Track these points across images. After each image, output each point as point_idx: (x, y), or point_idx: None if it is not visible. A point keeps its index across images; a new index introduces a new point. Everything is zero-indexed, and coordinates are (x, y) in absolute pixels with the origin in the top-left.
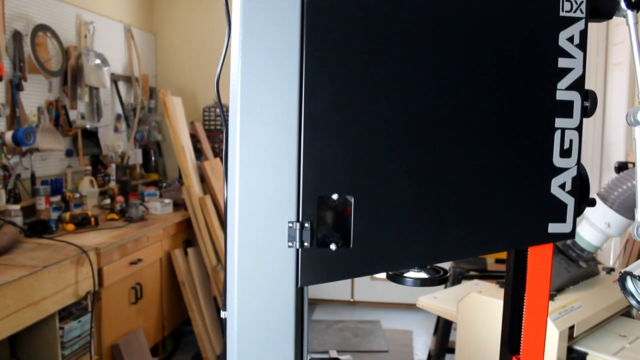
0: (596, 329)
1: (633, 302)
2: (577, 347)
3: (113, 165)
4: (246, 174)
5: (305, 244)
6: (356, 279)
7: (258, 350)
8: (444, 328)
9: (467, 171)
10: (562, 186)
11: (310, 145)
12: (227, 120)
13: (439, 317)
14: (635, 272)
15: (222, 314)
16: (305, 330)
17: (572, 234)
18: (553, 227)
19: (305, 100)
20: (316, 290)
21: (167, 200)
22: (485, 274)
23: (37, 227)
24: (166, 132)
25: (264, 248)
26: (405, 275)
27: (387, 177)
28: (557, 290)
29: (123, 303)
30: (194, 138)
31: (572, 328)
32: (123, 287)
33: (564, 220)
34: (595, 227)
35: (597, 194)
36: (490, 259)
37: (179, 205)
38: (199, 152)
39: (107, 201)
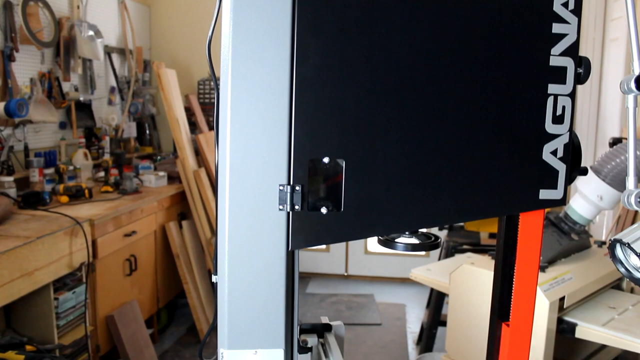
0: (586, 300)
1: (622, 270)
2: (567, 318)
3: (107, 138)
4: (237, 137)
5: (296, 207)
6: (350, 253)
7: (249, 313)
8: (436, 301)
9: (459, 136)
10: (554, 153)
11: (302, 108)
12: (219, 83)
13: (431, 291)
14: (625, 240)
15: (213, 278)
16: (295, 295)
17: (563, 200)
18: (544, 194)
19: (296, 63)
20: (310, 264)
21: (161, 173)
22: (478, 248)
23: (31, 199)
24: (160, 105)
25: (255, 211)
26: (396, 240)
27: (378, 141)
28: (549, 262)
29: (117, 275)
30: (189, 111)
31: (562, 299)
32: (117, 258)
33: (555, 187)
34: (587, 200)
35: (591, 167)
36: (483, 234)
37: (173, 178)
38: (193, 125)
39: (101, 174)
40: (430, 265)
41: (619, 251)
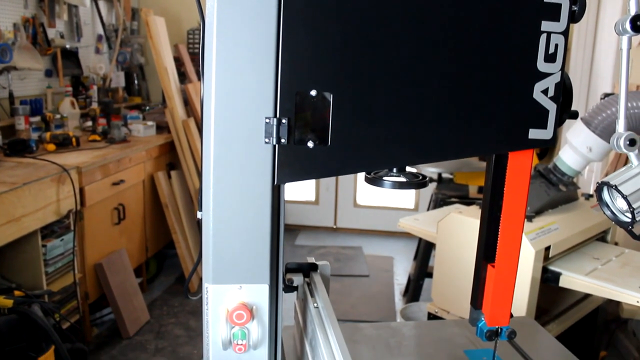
0: (571, 251)
1: (607, 213)
2: (551, 268)
3: (95, 88)
4: (222, 68)
5: (282, 140)
6: (339, 206)
7: (233, 248)
8: (424, 253)
9: (449, 72)
10: (545, 92)
11: (289, 38)
12: (204, 14)
13: (419, 243)
14: (612, 182)
15: (198, 215)
16: (281, 232)
17: (552, 140)
18: (534, 133)
19: None
20: (299, 217)
21: (150, 123)
22: (467, 201)
23: (17, 147)
24: (149, 55)
25: (241, 144)
26: (383, 178)
27: (367, 75)
28: (536, 212)
29: (106, 223)
30: (178, 61)
31: (548, 249)
32: (105, 207)
33: (545, 127)
34: (577, 151)
35: (581, 119)
36: (472, 187)
37: (162, 128)
38: (182, 76)
39: (89, 123)
40: (419, 215)
41: (605, 194)
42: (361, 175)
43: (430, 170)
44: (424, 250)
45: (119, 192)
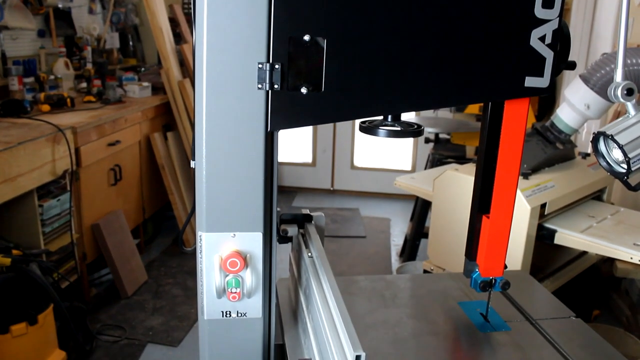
0: (567, 209)
1: (603, 164)
2: (547, 225)
3: (89, 49)
4: (215, 12)
5: (276, 86)
6: (336, 168)
7: (227, 196)
8: (420, 213)
9: (445, 17)
10: (542, 39)
11: None
12: None
13: (415, 203)
14: (609, 132)
15: (192, 164)
16: (274, 181)
17: (548, 89)
18: (530, 81)
19: None
20: (296, 179)
21: (145, 84)
22: (463, 162)
23: (11, 107)
24: (144, 16)
25: (233, 90)
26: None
27: (361, 21)
28: (533, 170)
29: (102, 184)
30: (173, 22)
31: (543, 207)
32: (102, 168)
33: (541, 75)
34: (574, 108)
35: (580, 76)
36: (469, 148)
37: (157, 89)
38: (178, 37)
39: (83, 85)
40: (415, 174)
41: (601, 145)
42: (358, 137)
43: (427, 130)
44: (421, 210)
45: (115, 152)
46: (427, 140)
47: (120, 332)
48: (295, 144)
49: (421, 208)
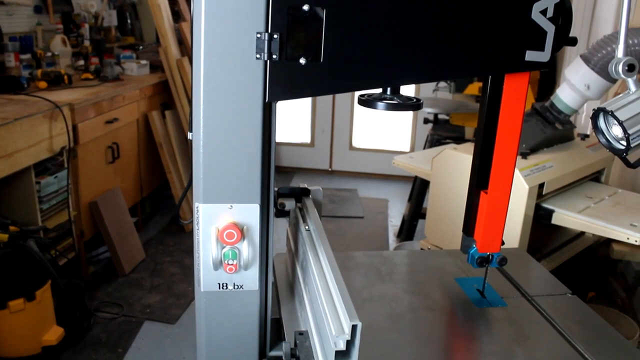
0: (565, 190)
1: (602, 141)
2: (544, 205)
3: (86, 26)
4: None
5: (274, 56)
6: (335, 149)
7: (224, 167)
8: (418, 193)
9: None
10: (544, 12)
11: None
12: None
13: (414, 183)
14: (609, 108)
15: (189, 136)
16: (272, 154)
17: (548, 64)
18: (530, 55)
19: None
20: (295, 159)
21: (143, 62)
22: (462, 142)
23: (7, 84)
24: None
25: (231, 60)
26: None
27: None
28: (531, 150)
29: (100, 162)
30: (172, 0)
31: (541, 187)
32: (99, 145)
33: (542, 49)
34: (574, 89)
35: (580, 56)
36: (468, 128)
37: (156, 67)
38: (176, 15)
39: (81, 62)
40: (414, 154)
41: (601, 121)
42: (357, 118)
43: (426, 110)
44: (419, 190)
45: (112, 130)
46: (426, 121)
47: (118, 310)
48: (294, 124)
49: (419, 189)
